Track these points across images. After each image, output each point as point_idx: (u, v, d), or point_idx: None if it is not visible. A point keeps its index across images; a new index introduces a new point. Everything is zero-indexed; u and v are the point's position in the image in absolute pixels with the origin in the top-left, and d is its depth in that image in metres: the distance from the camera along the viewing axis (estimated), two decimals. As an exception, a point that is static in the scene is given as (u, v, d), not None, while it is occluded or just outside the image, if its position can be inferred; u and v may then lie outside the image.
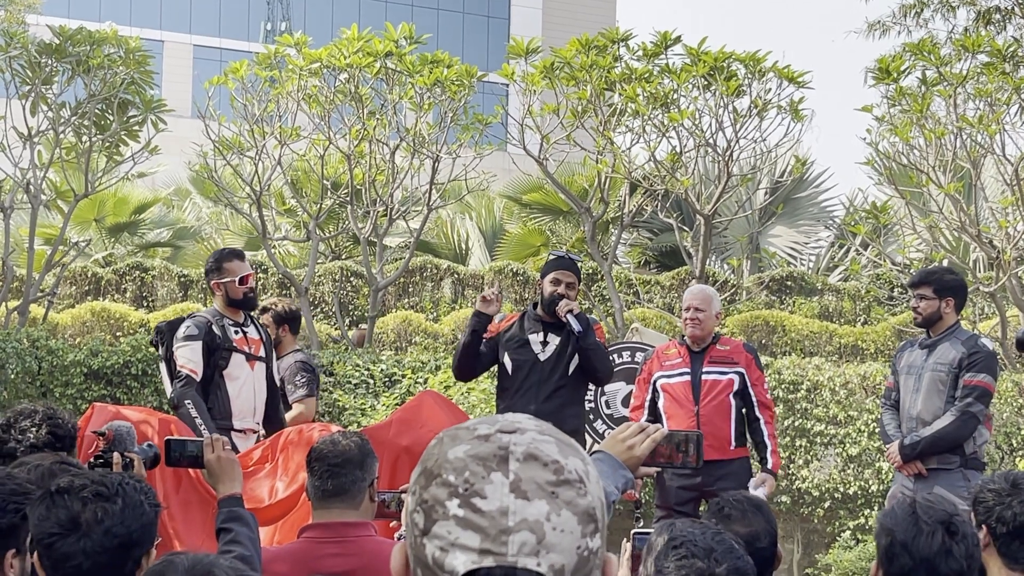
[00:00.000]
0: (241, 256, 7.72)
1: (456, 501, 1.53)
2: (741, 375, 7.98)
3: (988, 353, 7.53)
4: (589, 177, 16.22)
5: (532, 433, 1.58)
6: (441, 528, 1.52)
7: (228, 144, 15.00)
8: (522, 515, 1.51)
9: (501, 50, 15.35)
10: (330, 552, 4.16)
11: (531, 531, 1.50)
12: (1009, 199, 14.22)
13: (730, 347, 8.16)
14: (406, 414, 6.28)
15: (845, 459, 12.57)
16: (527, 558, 1.50)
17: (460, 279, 18.42)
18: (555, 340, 7.64)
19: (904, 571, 3.17)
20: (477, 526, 1.51)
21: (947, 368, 7.39)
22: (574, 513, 1.53)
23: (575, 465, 1.57)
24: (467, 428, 1.60)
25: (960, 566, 3.14)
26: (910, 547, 3.16)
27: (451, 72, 14.38)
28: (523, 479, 1.53)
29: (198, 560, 2.35)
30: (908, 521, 3.19)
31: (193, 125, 15.69)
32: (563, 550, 1.52)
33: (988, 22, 20.40)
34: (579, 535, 1.53)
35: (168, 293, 17.83)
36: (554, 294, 7.58)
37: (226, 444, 4.69)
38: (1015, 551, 3.76)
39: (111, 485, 3.30)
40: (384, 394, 12.89)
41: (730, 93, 13.80)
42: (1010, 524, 3.75)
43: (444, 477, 1.55)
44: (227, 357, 7.33)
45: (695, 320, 8.04)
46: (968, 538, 3.17)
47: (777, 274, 18.39)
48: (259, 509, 5.57)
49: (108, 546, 3.16)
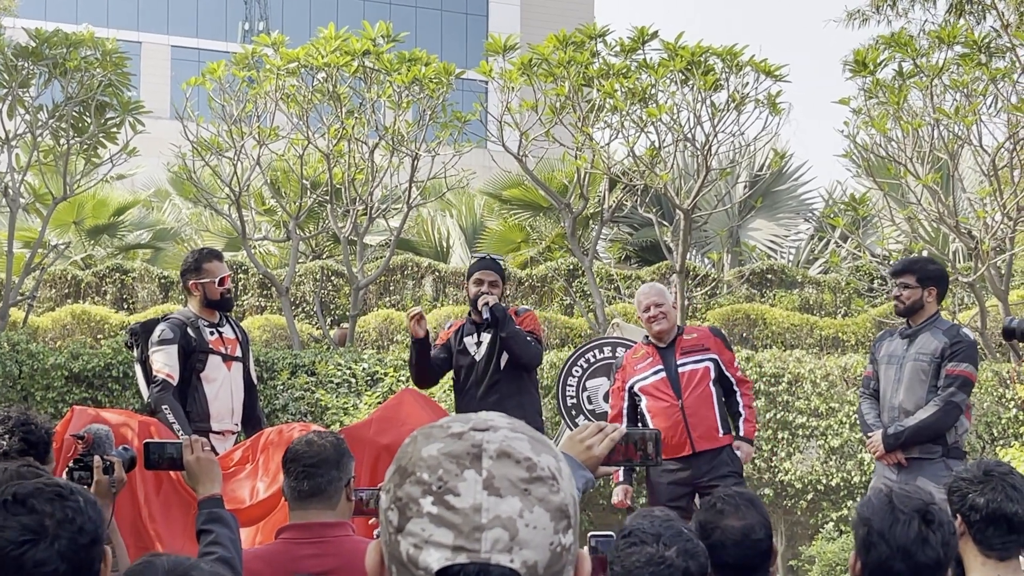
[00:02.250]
0: (219, 257, 7.70)
1: (430, 499, 1.54)
2: (715, 361, 8.01)
3: (970, 343, 7.55)
4: (568, 173, 16.24)
5: (505, 431, 1.59)
6: (415, 526, 1.54)
7: (207, 145, 14.97)
8: (495, 512, 1.52)
9: (480, 47, 15.35)
10: (308, 553, 4.15)
11: (504, 528, 1.52)
12: (987, 189, 14.28)
13: (697, 334, 8.19)
14: (386, 412, 6.28)
15: (827, 451, 12.61)
16: (500, 554, 1.51)
17: (441, 277, 18.42)
18: (485, 339, 7.79)
19: (881, 560, 3.20)
20: (450, 523, 1.52)
21: (929, 358, 7.40)
22: (547, 510, 1.55)
23: (547, 462, 1.58)
24: (440, 426, 1.61)
25: (936, 554, 3.17)
26: (887, 536, 3.19)
27: (429, 70, 14.38)
28: (496, 476, 1.54)
29: (178, 562, 2.36)
30: (885, 510, 3.22)
31: (172, 126, 15.65)
32: (536, 546, 1.53)
33: (964, 13, 20.48)
34: (552, 531, 1.54)
35: (148, 295, 17.79)
36: (478, 294, 7.75)
37: (205, 445, 4.68)
38: (989, 538, 3.80)
39: (63, 485, 3.30)
40: (366, 393, 12.89)
41: (708, 87, 13.83)
42: (983, 511, 3.79)
43: (418, 475, 1.56)
44: (204, 359, 7.31)
45: (659, 316, 8.06)
46: (944, 527, 3.20)
47: (757, 267, 18.44)
48: (240, 510, 5.56)
49: (82, 543, 3.15)
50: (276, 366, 13.05)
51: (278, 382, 12.92)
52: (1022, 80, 13.67)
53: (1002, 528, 3.80)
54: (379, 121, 15.16)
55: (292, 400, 12.80)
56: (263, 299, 17.93)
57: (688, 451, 7.86)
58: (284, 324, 15.81)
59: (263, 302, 17.90)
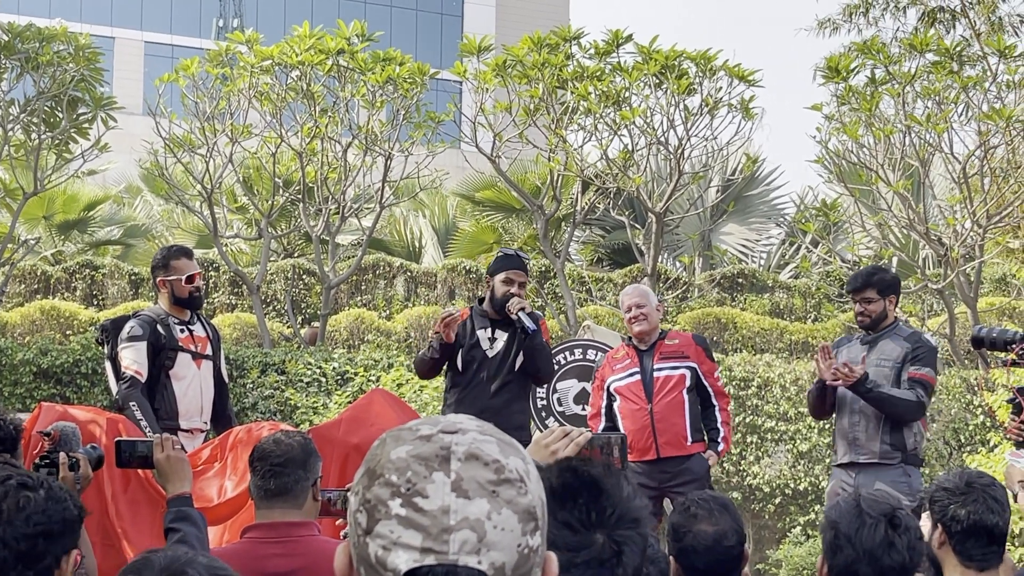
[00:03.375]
0: (189, 254, 7.65)
1: (398, 501, 1.54)
2: (693, 369, 7.98)
3: (931, 348, 7.60)
4: (541, 175, 16.26)
5: (473, 433, 1.60)
6: (383, 527, 1.54)
7: (179, 142, 14.93)
8: (463, 514, 1.53)
9: (455, 48, 15.35)
10: (273, 552, 4.13)
11: (472, 530, 1.52)
12: (957, 197, 14.36)
13: (679, 340, 8.17)
14: (356, 412, 6.26)
15: (795, 455, 12.66)
16: (468, 556, 1.52)
17: (413, 277, 18.41)
18: (503, 336, 7.66)
19: (848, 563, 3.21)
20: (419, 525, 1.52)
21: (892, 363, 7.42)
22: (515, 512, 1.55)
23: (516, 464, 1.59)
24: (409, 429, 1.62)
25: (903, 558, 3.18)
26: (854, 540, 3.21)
27: (403, 70, 14.37)
28: (464, 478, 1.55)
29: (175, 558, 2.35)
30: (852, 514, 3.23)
31: (144, 123, 15.60)
32: (504, 548, 1.53)
33: (935, 21, 20.59)
34: (520, 533, 1.55)
35: (119, 291, 17.71)
36: (507, 294, 7.57)
37: (176, 444, 4.67)
38: (970, 549, 3.81)
39: (36, 478, 3.30)
40: (336, 392, 12.87)
41: (681, 91, 13.86)
42: (964, 523, 3.79)
43: (386, 477, 1.56)
44: (173, 357, 7.27)
45: (640, 317, 8.06)
46: (911, 531, 3.21)
47: (728, 271, 18.49)
48: (208, 508, 5.54)
49: (28, 533, 3.14)
50: (246, 364, 13.02)
51: (248, 380, 12.89)
52: (993, 88, 13.75)
53: (983, 540, 3.81)
54: (352, 120, 15.14)
55: (262, 399, 12.77)
56: (234, 297, 17.88)
57: (653, 456, 7.87)
58: (255, 322, 15.78)
59: (234, 300, 17.85)
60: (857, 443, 7.43)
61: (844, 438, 7.51)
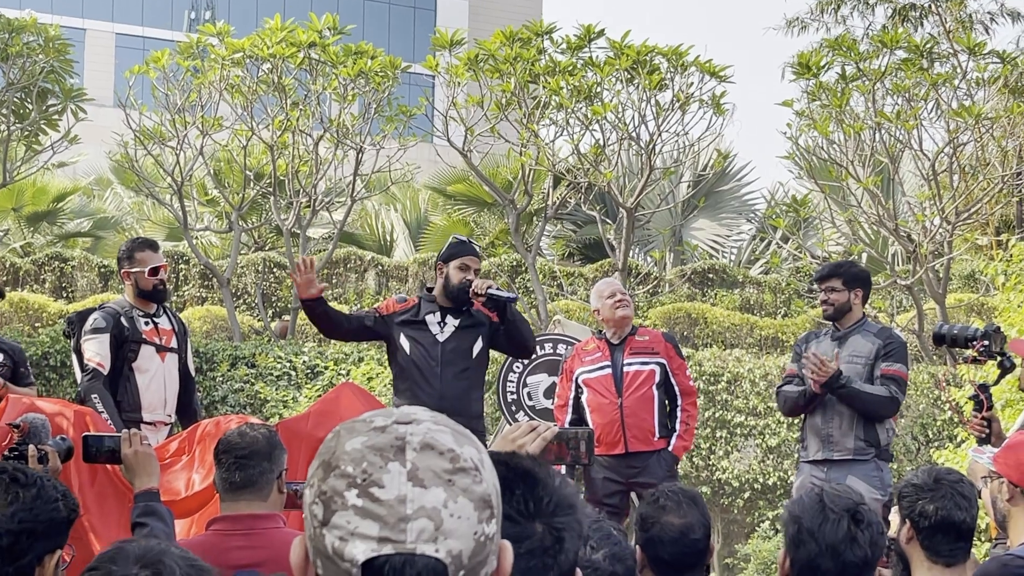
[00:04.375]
0: (154, 246, 7.60)
1: (354, 491, 1.55)
2: (663, 365, 8.01)
3: (902, 343, 7.63)
4: (513, 169, 16.26)
5: (428, 423, 1.61)
6: (340, 518, 1.55)
7: (149, 134, 14.87)
8: (420, 503, 1.54)
9: (428, 42, 15.33)
10: (238, 544, 4.13)
11: (429, 518, 1.53)
12: (926, 193, 14.44)
13: (649, 337, 8.20)
14: (324, 406, 6.24)
15: (765, 450, 12.71)
16: (425, 544, 1.53)
17: (384, 270, 18.40)
18: (453, 322, 7.51)
19: (810, 557, 3.23)
20: (375, 515, 1.53)
21: (864, 360, 7.44)
22: (470, 500, 1.56)
23: (470, 453, 1.60)
24: (363, 420, 1.63)
25: (864, 553, 3.20)
26: (816, 534, 3.22)
27: (375, 63, 14.35)
28: (420, 468, 1.56)
29: (149, 548, 2.35)
30: (815, 509, 3.25)
31: (115, 115, 15.53)
32: (460, 536, 1.55)
33: (905, 19, 20.68)
34: (476, 521, 1.56)
35: (88, 284, 17.65)
36: (464, 280, 7.46)
37: (144, 439, 4.65)
38: (937, 545, 3.83)
39: (30, 475, 3.29)
40: (306, 386, 12.86)
41: (653, 87, 13.89)
42: (932, 518, 3.82)
43: (342, 468, 1.57)
44: (136, 349, 7.23)
45: (624, 302, 8.09)
46: (873, 526, 3.23)
47: (699, 267, 18.54)
48: (176, 501, 5.53)
49: (11, 530, 3.14)
50: (216, 358, 12.99)
51: (218, 374, 12.86)
52: (962, 86, 13.83)
53: (950, 536, 3.83)
54: (324, 113, 15.12)
55: (231, 392, 12.75)
56: (204, 290, 17.84)
57: (622, 450, 7.89)
58: (225, 315, 15.74)
59: (204, 293, 17.81)
60: (831, 440, 7.44)
61: (817, 435, 7.51)
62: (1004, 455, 4.36)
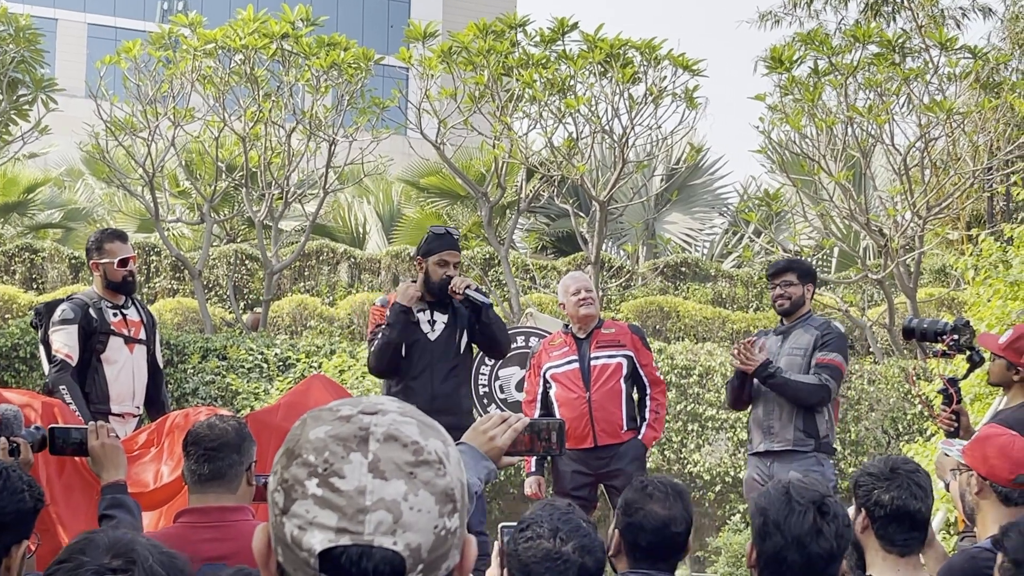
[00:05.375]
0: (123, 237, 7.56)
1: (315, 480, 1.54)
2: (630, 358, 8.01)
3: (840, 334, 7.70)
4: (486, 162, 16.25)
5: (393, 415, 1.60)
6: (300, 507, 1.54)
7: (121, 125, 14.80)
8: (379, 495, 1.52)
9: (401, 34, 15.30)
10: (206, 537, 4.11)
11: (388, 510, 1.52)
12: (898, 188, 14.49)
13: (616, 330, 8.20)
14: (294, 398, 6.22)
15: (736, 443, 12.73)
16: (383, 537, 1.52)
17: (357, 263, 18.36)
18: (442, 319, 7.43)
19: (776, 549, 3.23)
20: (335, 505, 1.52)
21: (803, 352, 7.50)
22: (432, 493, 1.55)
23: (435, 446, 1.59)
24: (330, 409, 1.62)
25: (830, 545, 3.20)
26: (782, 526, 3.22)
27: (348, 55, 14.31)
28: (382, 459, 1.55)
29: (119, 538, 2.34)
30: (781, 501, 3.25)
31: (86, 105, 15.45)
32: (420, 529, 1.54)
33: (877, 14, 20.74)
34: (436, 515, 1.55)
35: (58, 275, 17.56)
36: (444, 276, 7.38)
37: (111, 431, 4.63)
38: (892, 534, 3.84)
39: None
40: (278, 378, 12.81)
41: (626, 80, 13.90)
42: (887, 508, 3.83)
43: (304, 457, 1.56)
44: (104, 341, 7.20)
45: (589, 300, 8.09)
46: (839, 519, 3.23)
47: (672, 260, 18.57)
48: (144, 493, 5.51)
49: None
50: (187, 350, 12.94)
51: (188, 366, 12.81)
52: (934, 81, 13.88)
53: (905, 525, 3.85)
54: (297, 105, 15.08)
55: (203, 384, 12.70)
56: (175, 282, 17.76)
57: (591, 443, 7.89)
58: (196, 307, 15.68)
59: (175, 285, 17.74)
60: (772, 431, 7.49)
61: (759, 427, 7.58)
62: (973, 448, 4.38)
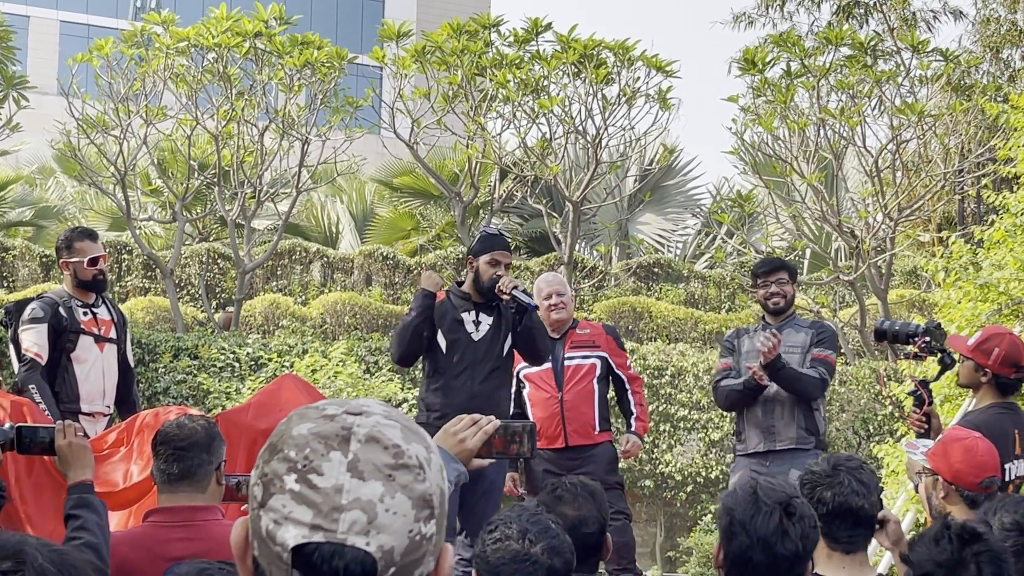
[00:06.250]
0: (93, 236, 7.53)
1: (293, 476, 1.55)
2: (604, 359, 8.01)
3: (833, 332, 7.79)
4: (460, 162, 16.25)
5: (378, 416, 1.61)
6: (277, 501, 1.55)
7: (93, 122, 14.75)
8: (356, 494, 1.53)
9: (375, 33, 15.29)
10: (176, 536, 4.10)
11: (363, 511, 1.53)
12: (869, 190, 14.56)
13: (590, 330, 8.19)
14: (265, 397, 6.20)
15: (707, 444, 12.78)
16: (357, 536, 1.52)
17: (330, 262, 18.32)
18: (487, 320, 7.32)
19: (742, 549, 3.23)
20: (311, 502, 1.53)
21: (800, 349, 7.52)
22: (409, 497, 1.56)
23: (416, 451, 1.59)
24: (316, 407, 1.63)
25: (796, 546, 3.21)
26: (748, 527, 3.23)
27: (321, 54, 14.29)
28: (362, 460, 1.55)
29: (7, 539, 2.33)
30: (748, 501, 3.25)
31: (58, 103, 15.39)
32: (394, 532, 1.54)
33: (849, 16, 20.83)
34: (412, 519, 1.55)
35: (29, 273, 17.47)
36: (494, 276, 7.30)
37: (78, 430, 4.61)
38: (836, 531, 3.88)
39: None
40: (250, 377, 12.79)
41: (599, 81, 13.92)
42: (830, 505, 3.87)
43: (285, 452, 1.57)
44: (74, 339, 7.17)
45: (560, 305, 8.07)
46: (805, 520, 3.24)
47: (644, 261, 18.59)
48: (113, 493, 5.48)
49: None
50: (158, 349, 12.90)
51: (160, 365, 12.77)
52: (906, 83, 13.95)
53: (848, 522, 3.88)
54: (270, 104, 15.05)
55: (174, 383, 12.66)
56: (147, 281, 17.69)
57: (562, 443, 7.89)
58: (168, 306, 15.63)
59: (147, 284, 17.66)
60: (773, 431, 7.49)
61: (758, 427, 7.55)
62: (937, 453, 4.39)
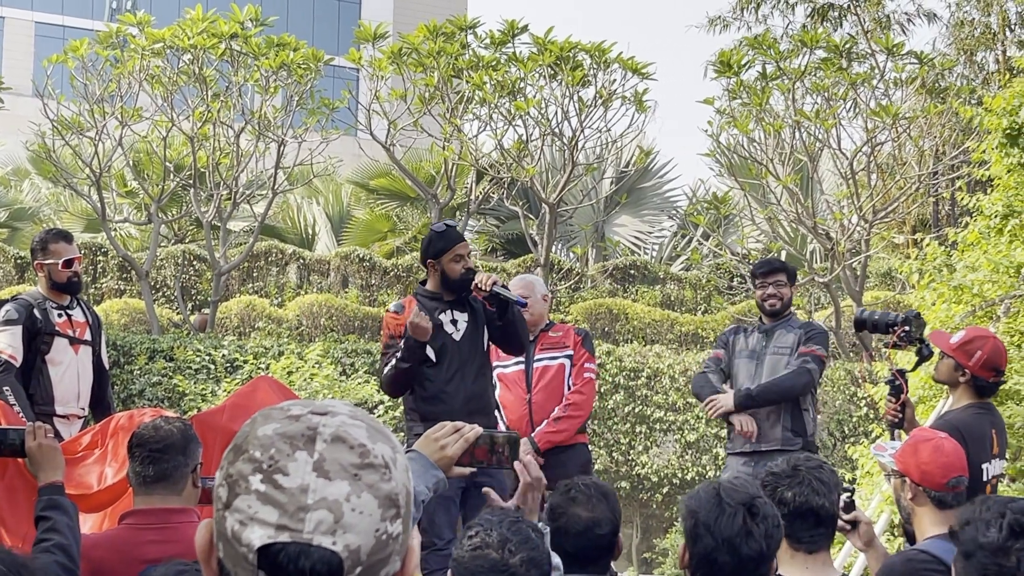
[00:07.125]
0: (68, 238, 7.50)
1: (259, 476, 1.54)
2: (571, 358, 8.01)
3: (823, 331, 7.76)
4: (436, 164, 16.25)
5: (343, 416, 1.61)
6: (242, 502, 1.54)
7: (67, 124, 14.69)
8: (322, 494, 1.53)
9: (351, 34, 15.28)
10: (151, 539, 4.09)
11: (329, 510, 1.53)
12: (844, 192, 14.61)
13: (562, 332, 8.18)
14: (240, 399, 6.17)
15: (683, 445, 12.80)
16: (323, 536, 1.52)
17: (306, 264, 18.30)
18: (463, 317, 7.15)
19: (707, 551, 3.24)
20: (276, 502, 1.53)
21: (788, 350, 7.52)
22: (375, 496, 1.56)
23: (382, 451, 1.60)
24: (281, 408, 1.62)
25: (760, 547, 3.21)
26: (712, 528, 3.23)
27: (298, 55, 14.28)
28: (327, 459, 1.55)
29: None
30: (712, 503, 3.26)
31: (33, 104, 15.33)
32: (360, 531, 1.54)
33: (824, 19, 20.90)
34: (379, 519, 1.56)
35: (4, 275, 17.40)
36: (465, 272, 7.16)
37: (48, 432, 4.59)
38: (797, 531, 3.89)
39: None
40: (225, 379, 12.76)
41: (576, 83, 13.94)
42: (790, 505, 3.88)
43: (250, 453, 1.57)
44: (49, 341, 7.15)
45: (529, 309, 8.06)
46: (768, 520, 3.24)
47: (621, 263, 18.62)
48: (88, 495, 5.46)
49: None
50: (134, 351, 12.86)
51: (135, 367, 12.73)
52: (880, 86, 14.00)
53: (809, 521, 3.90)
54: (246, 105, 15.02)
55: (149, 385, 12.63)
56: (122, 282, 17.64)
57: None
58: (143, 308, 15.59)
59: (122, 285, 17.61)
60: (759, 431, 7.50)
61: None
62: (904, 455, 4.40)
